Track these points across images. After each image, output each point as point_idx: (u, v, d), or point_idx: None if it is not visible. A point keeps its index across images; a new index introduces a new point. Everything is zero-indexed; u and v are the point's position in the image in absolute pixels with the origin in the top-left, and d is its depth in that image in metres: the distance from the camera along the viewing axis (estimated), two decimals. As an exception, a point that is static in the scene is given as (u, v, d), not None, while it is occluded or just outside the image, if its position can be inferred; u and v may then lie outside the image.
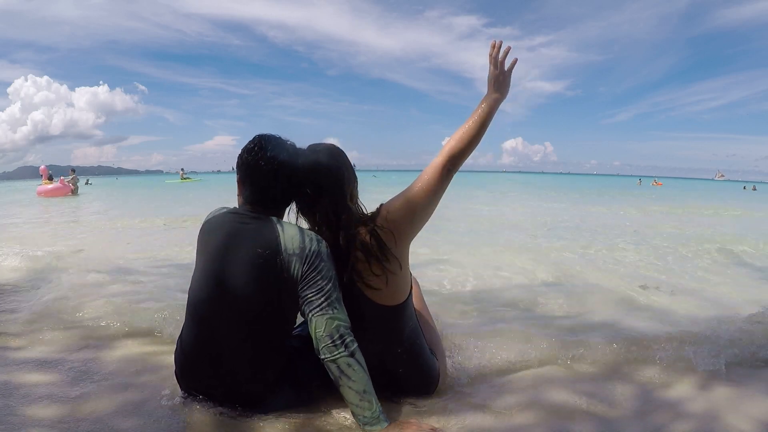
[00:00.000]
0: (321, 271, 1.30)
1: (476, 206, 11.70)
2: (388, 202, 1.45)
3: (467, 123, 1.43)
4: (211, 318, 1.36)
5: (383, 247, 1.38)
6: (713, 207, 13.17)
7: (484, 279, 3.66)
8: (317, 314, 1.28)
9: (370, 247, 1.37)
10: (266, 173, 1.37)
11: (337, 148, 1.49)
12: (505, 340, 2.06)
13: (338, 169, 1.44)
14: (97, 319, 2.33)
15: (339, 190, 1.42)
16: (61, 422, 1.39)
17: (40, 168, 18.87)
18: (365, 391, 1.26)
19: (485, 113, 1.43)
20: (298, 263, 1.30)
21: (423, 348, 1.53)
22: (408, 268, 1.47)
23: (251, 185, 1.41)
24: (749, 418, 1.46)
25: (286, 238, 1.31)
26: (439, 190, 1.42)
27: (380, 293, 1.41)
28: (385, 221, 1.40)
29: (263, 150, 1.37)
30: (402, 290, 1.45)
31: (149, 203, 14.69)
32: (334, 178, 1.42)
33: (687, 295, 3.30)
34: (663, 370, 1.82)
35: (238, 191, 1.45)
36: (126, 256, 4.60)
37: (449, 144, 1.43)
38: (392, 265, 1.39)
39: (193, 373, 1.45)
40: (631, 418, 1.47)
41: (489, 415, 1.46)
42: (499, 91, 1.46)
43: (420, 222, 1.44)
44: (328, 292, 1.29)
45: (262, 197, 1.41)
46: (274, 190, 1.40)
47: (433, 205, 1.44)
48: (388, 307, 1.43)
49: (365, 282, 1.40)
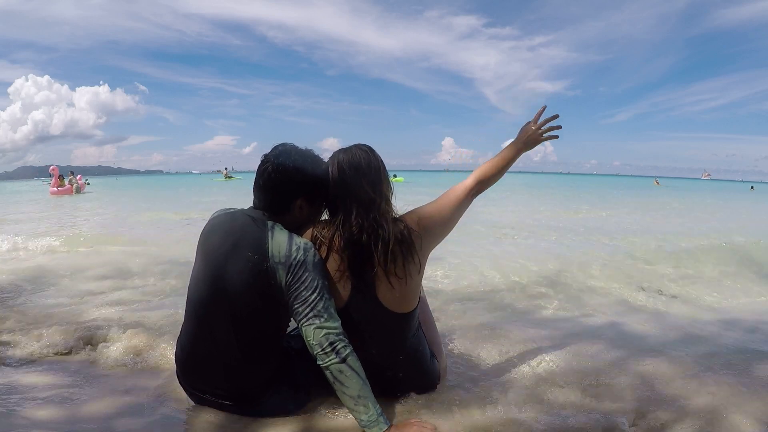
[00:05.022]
0: (305, 281, 1.29)
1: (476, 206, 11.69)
2: (419, 208, 1.50)
3: (495, 159, 1.63)
4: (208, 318, 1.37)
5: (413, 247, 1.40)
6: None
7: (484, 279, 3.66)
8: (305, 324, 1.29)
9: (404, 244, 1.38)
10: (276, 184, 1.37)
11: (364, 145, 1.49)
12: (505, 340, 2.06)
13: (375, 157, 1.44)
14: (97, 318, 2.33)
15: (376, 172, 1.41)
16: (61, 422, 1.39)
17: (51, 168, 19.19)
18: (359, 395, 1.26)
19: (510, 158, 1.62)
20: (282, 272, 1.29)
21: (424, 353, 1.54)
22: (422, 275, 1.48)
23: (256, 190, 1.42)
24: (750, 417, 1.46)
25: (274, 245, 1.31)
26: (463, 207, 1.55)
27: (394, 296, 1.41)
28: (415, 224, 1.42)
29: (275, 157, 1.38)
30: (413, 297, 1.45)
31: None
32: (371, 162, 1.41)
33: (687, 294, 3.29)
34: (663, 368, 1.82)
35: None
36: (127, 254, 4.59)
37: (479, 171, 1.60)
38: (414, 267, 1.41)
39: (192, 373, 1.45)
40: (632, 416, 1.47)
41: (489, 415, 1.46)
42: (527, 145, 1.64)
43: (445, 230, 1.52)
44: (313, 303, 1.29)
45: (263, 203, 1.41)
46: (274, 197, 1.40)
47: (456, 219, 1.54)
48: (397, 314, 1.43)
49: (387, 280, 1.39)
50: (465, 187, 1.55)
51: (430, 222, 1.46)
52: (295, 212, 1.41)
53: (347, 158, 1.40)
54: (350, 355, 1.28)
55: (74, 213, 10.86)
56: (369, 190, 1.38)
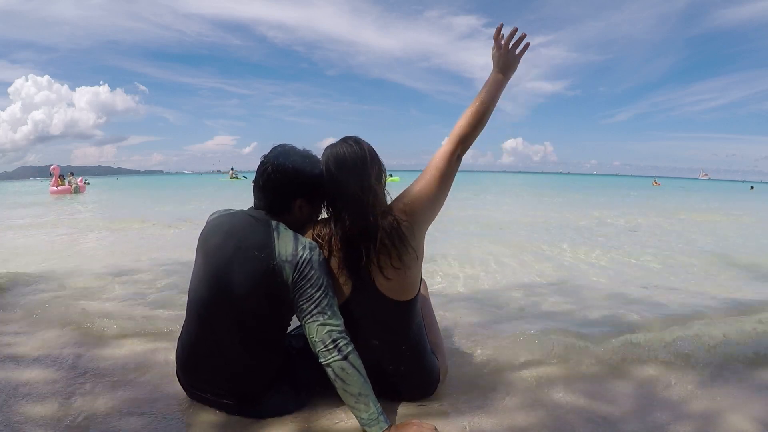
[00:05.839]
0: (311, 279, 1.31)
1: (477, 207, 11.70)
2: (403, 193, 1.45)
3: (472, 107, 1.43)
4: (209, 317, 1.38)
5: (404, 238, 1.38)
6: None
7: (484, 278, 3.66)
8: (309, 321, 1.30)
9: (394, 236, 1.37)
10: (276, 184, 1.38)
11: (356, 138, 1.46)
12: (505, 340, 2.06)
13: (360, 148, 1.40)
14: (98, 317, 2.33)
15: (362, 166, 1.38)
16: (61, 421, 1.39)
17: (52, 167, 19.21)
18: (360, 393, 1.27)
19: (490, 95, 1.43)
20: (289, 270, 1.31)
21: (426, 348, 1.53)
22: (422, 260, 1.47)
23: (256, 190, 1.43)
24: (750, 417, 1.46)
25: (280, 244, 1.32)
26: (450, 175, 1.44)
27: (394, 286, 1.40)
28: (403, 213, 1.40)
29: (274, 158, 1.39)
30: (414, 285, 1.45)
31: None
32: (356, 157, 1.38)
33: (687, 293, 3.30)
34: (663, 369, 1.82)
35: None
36: (127, 254, 4.60)
37: (456, 129, 1.44)
38: (410, 256, 1.40)
39: (193, 372, 1.46)
40: (632, 418, 1.47)
41: (490, 415, 1.46)
42: (503, 71, 1.44)
43: (435, 210, 1.46)
44: (318, 300, 1.30)
45: (264, 203, 1.42)
46: (275, 197, 1.40)
47: (446, 191, 1.45)
48: (398, 302, 1.43)
49: (382, 273, 1.39)
50: (445, 154, 1.42)
51: (417, 205, 1.41)
52: (295, 212, 1.42)
53: (333, 154, 1.40)
54: (352, 353, 1.29)
55: (74, 214, 10.86)
56: (355, 186, 1.36)
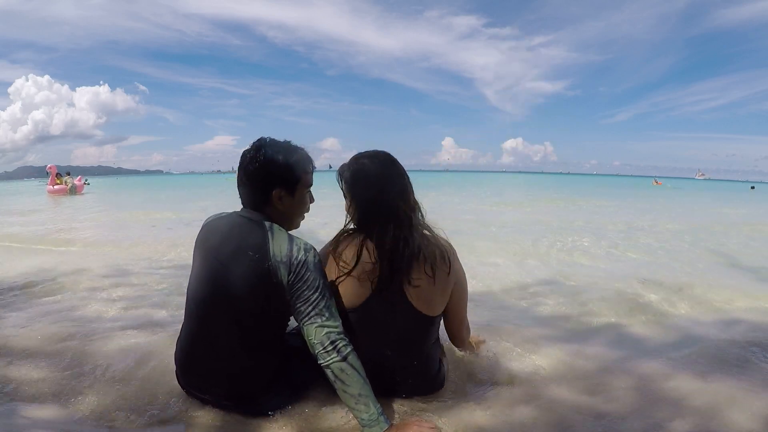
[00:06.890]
0: (307, 281, 1.30)
1: (476, 206, 11.70)
2: (454, 253, 1.49)
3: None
4: (207, 317, 1.38)
5: (445, 253, 1.42)
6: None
7: (484, 278, 3.66)
8: (306, 323, 1.29)
9: (432, 248, 1.40)
10: (253, 176, 1.37)
11: (386, 156, 1.48)
12: (505, 339, 2.06)
13: (396, 167, 1.45)
14: (97, 317, 2.33)
15: (403, 182, 1.44)
16: (59, 421, 1.39)
17: (48, 166, 19.11)
18: (360, 394, 1.26)
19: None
20: (284, 271, 1.30)
21: (435, 364, 1.54)
22: (455, 284, 1.48)
23: (239, 186, 1.42)
24: (749, 414, 1.46)
25: (274, 245, 1.31)
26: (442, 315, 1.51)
27: (421, 294, 1.40)
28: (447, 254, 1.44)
29: (251, 150, 1.38)
30: (440, 301, 1.45)
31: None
32: (402, 173, 1.45)
33: (687, 293, 3.29)
34: (663, 366, 1.82)
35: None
36: (127, 254, 4.60)
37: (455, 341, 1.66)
38: (442, 273, 1.41)
39: (191, 372, 1.46)
40: (632, 416, 1.47)
41: (489, 415, 1.46)
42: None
43: (443, 301, 1.47)
44: (315, 301, 1.29)
45: (245, 198, 1.41)
46: (253, 190, 1.39)
47: (444, 297, 1.47)
48: (423, 315, 1.42)
49: (411, 283, 1.38)
50: (458, 330, 1.60)
51: (452, 270, 1.44)
52: (275, 203, 1.39)
53: (374, 169, 1.42)
54: (351, 354, 1.28)
55: (73, 215, 10.86)
56: (399, 200, 1.40)
